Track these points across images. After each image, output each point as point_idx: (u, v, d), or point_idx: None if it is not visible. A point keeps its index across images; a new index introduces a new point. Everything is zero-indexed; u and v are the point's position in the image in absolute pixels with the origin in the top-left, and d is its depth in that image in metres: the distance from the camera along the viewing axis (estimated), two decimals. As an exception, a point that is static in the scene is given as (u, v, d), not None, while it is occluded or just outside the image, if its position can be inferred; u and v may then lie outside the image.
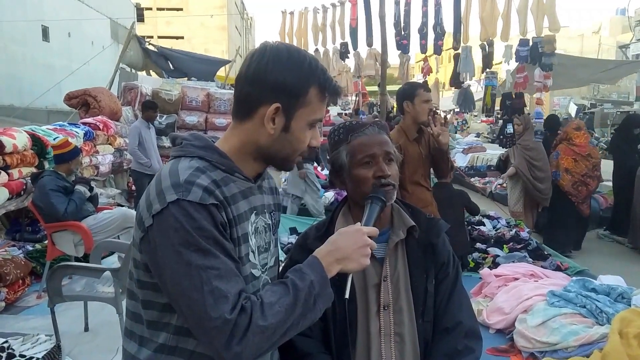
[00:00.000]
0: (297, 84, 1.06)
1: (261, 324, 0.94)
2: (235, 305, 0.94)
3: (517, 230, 5.60)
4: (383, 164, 1.37)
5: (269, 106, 1.06)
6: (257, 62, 1.07)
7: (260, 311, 0.95)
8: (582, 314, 3.38)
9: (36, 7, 16.49)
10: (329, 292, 1.05)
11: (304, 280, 1.02)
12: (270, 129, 1.07)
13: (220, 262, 0.96)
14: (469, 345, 1.37)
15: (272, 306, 0.97)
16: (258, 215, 1.14)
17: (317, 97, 1.10)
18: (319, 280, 1.03)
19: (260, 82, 1.06)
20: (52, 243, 4.31)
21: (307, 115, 1.10)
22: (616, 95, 26.67)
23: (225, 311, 0.92)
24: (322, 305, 1.04)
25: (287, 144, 1.11)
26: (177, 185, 0.98)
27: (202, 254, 0.95)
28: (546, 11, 5.56)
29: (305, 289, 1.00)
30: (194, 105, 9.54)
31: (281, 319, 0.97)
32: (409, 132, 3.28)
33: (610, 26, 36.87)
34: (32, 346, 3.19)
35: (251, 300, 0.97)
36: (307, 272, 1.03)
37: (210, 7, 34.54)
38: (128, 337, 1.12)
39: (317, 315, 1.04)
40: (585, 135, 5.85)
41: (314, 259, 1.07)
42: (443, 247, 1.44)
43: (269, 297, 0.99)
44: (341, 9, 7.50)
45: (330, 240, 1.11)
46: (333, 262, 1.07)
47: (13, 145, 4.77)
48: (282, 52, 1.08)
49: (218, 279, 0.94)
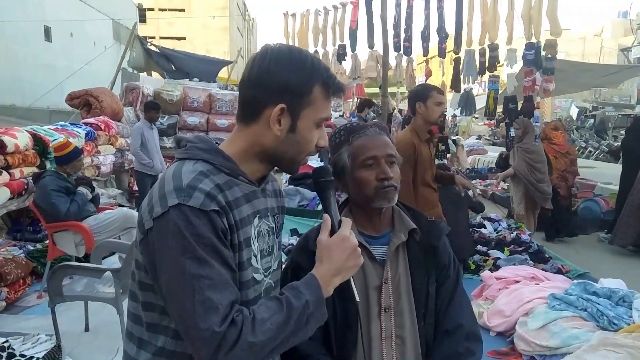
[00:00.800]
0: (300, 83, 1.06)
1: (250, 340, 0.93)
2: (225, 317, 0.93)
3: (518, 233, 5.59)
4: (385, 165, 1.37)
5: (274, 107, 1.06)
6: (259, 64, 1.07)
7: (251, 327, 0.94)
8: (583, 317, 3.37)
9: (38, 8, 16.52)
10: (323, 312, 1.04)
11: (299, 299, 1.01)
12: (276, 130, 1.07)
13: (215, 271, 0.95)
14: (469, 347, 1.38)
15: (263, 323, 0.96)
16: (261, 219, 1.14)
17: (321, 95, 1.09)
18: (314, 300, 1.02)
19: (264, 84, 1.06)
20: (53, 243, 4.31)
21: (313, 115, 1.09)
22: (617, 99, 26.65)
23: (215, 323, 0.92)
24: (315, 325, 1.04)
25: (294, 144, 1.10)
26: (179, 189, 0.98)
27: (197, 262, 0.94)
28: (548, 15, 5.55)
29: (299, 308, 0.99)
30: (196, 106, 9.54)
31: (271, 336, 0.96)
32: (420, 133, 3.31)
33: (612, 29, 36.89)
34: (32, 346, 3.19)
35: (243, 314, 0.96)
36: (304, 292, 1.02)
37: (212, 8, 34.61)
38: (128, 339, 1.12)
39: (308, 334, 1.03)
40: (563, 135, 6.50)
41: (312, 278, 1.06)
42: (444, 249, 1.44)
43: (262, 312, 0.98)
44: (342, 10, 7.49)
45: (320, 257, 1.09)
46: (331, 278, 1.07)
47: (15, 145, 4.78)
48: (283, 53, 1.08)
49: (211, 289, 0.94)
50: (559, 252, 5.62)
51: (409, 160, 3.09)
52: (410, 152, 3.13)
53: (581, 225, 7.14)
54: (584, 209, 7.40)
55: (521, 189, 5.95)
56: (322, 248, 1.10)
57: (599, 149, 17.74)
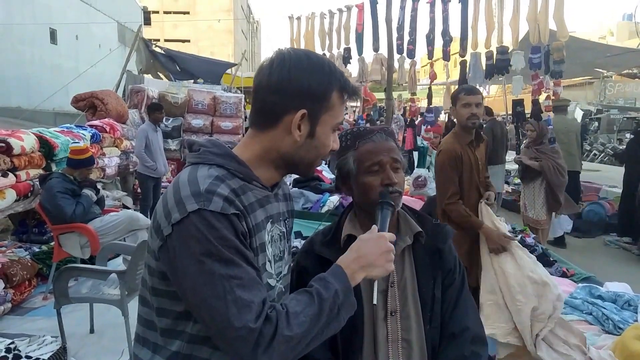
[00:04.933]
0: (320, 88, 1.07)
1: (287, 334, 0.94)
2: (259, 314, 0.93)
3: (523, 236, 5.56)
4: (390, 171, 1.38)
5: (295, 113, 1.05)
6: (279, 70, 1.06)
7: (286, 321, 0.95)
8: (589, 321, 3.37)
9: (44, 10, 16.63)
10: (352, 301, 1.04)
11: (328, 289, 1.01)
12: (297, 136, 1.07)
13: (243, 271, 0.96)
14: (475, 350, 1.38)
15: (297, 316, 0.96)
16: (274, 224, 1.14)
17: (338, 100, 1.10)
18: (342, 289, 1.02)
19: (285, 90, 1.05)
20: (59, 245, 4.33)
21: (331, 120, 1.10)
22: (622, 101, 26.52)
23: (250, 320, 0.92)
24: (346, 314, 1.04)
25: (313, 149, 1.10)
26: (197, 194, 0.97)
27: (224, 263, 0.94)
28: (555, 18, 5.53)
29: (330, 298, 1.00)
30: (200, 109, 9.57)
31: (306, 329, 0.96)
32: (460, 138, 3.07)
33: (617, 31, 36.76)
34: (38, 347, 3.20)
35: (276, 310, 0.96)
36: (332, 281, 1.02)
37: (216, 11, 34.77)
38: (140, 344, 1.11)
39: (341, 324, 1.04)
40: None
41: (338, 268, 1.06)
42: (449, 253, 1.45)
43: (294, 306, 0.98)
44: (347, 14, 7.51)
45: (354, 247, 1.10)
46: (358, 269, 1.07)
47: (21, 147, 4.80)
48: (302, 59, 1.07)
49: (241, 288, 0.94)
50: (563, 255, 5.60)
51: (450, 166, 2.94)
52: (446, 160, 2.96)
53: (586, 228, 7.13)
54: (588, 212, 7.39)
55: (543, 192, 5.53)
56: (359, 241, 1.12)
57: (603, 151, 17.67)
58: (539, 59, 5.77)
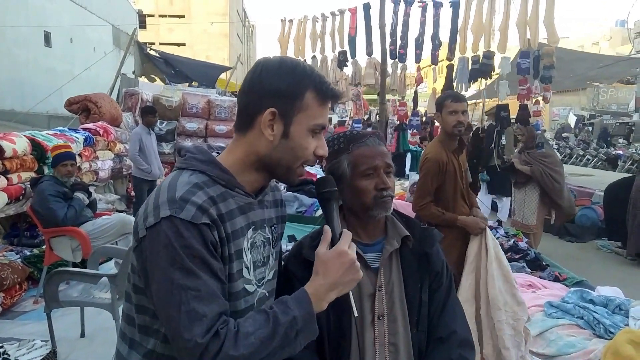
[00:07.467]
0: (290, 87, 1.08)
1: (231, 354, 0.94)
2: (209, 328, 0.94)
3: (516, 240, 5.59)
4: (384, 175, 1.38)
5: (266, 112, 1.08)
6: (251, 74, 1.11)
7: (234, 340, 0.95)
8: (580, 325, 3.38)
9: (39, 13, 16.56)
10: (313, 328, 1.04)
11: (286, 314, 1.00)
12: (268, 135, 1.08)
13: (202, 283, 0.96)
14: (463, 354, 1.37)
15: (247, 337, 0.96)
16: (256, 231, 1.15)
17: (315, 101, 1.10)
18: (303, 315, 1.02)
19: (256, 90, 1.09)
20: (50, 248, 4.31)
21: (307, 120, 1.10)
22: (615, 107, 26.73)
23: (198, 334, 0.93)
24: (304, 340, 1.03)
25: (288, 150, 1.10)
26: (172, 201, 0.99)
27: (185, 273, 0.96)
28: (545, 23, 5.56)
29: (286, 323, 0.99)
30: (195, 112, 9.57)
31: (254, 350, 0.96)
32: (445, 145, 3.05)
33: (610, 37, 37.06)
34: (27, 352, 3.18)
35: (227, 327, 0.96)
36: (292, 307, 1.02)
37: (212, 14, 34.72)
38: (121, 338, 1.15)
39: (297, 349, 1.03)
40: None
41: (303, 294, 1.05)
42: (437, 256, 1.45)
43: (248, 326, 0.98)
44: (340, 18, 7.53)
45: (317, 271, 1.09)
46: (326, 293, 1.06)
47: (13, 150, 4.78)
48: (273, 62, 1.11)
49: (197, 300, 0.95)
50: (556, 259, 5.62)
51: (433, 174, 2.95)
52: (432, 169, 2.96)
53: (579, 232, 7.17)
54: (581, 216, 7.43)
55: (536, 197, 5.58)
56: (319, 261, 1.09)
57: (596, 156, 17.78)
58: (528, 64, 5.80)
